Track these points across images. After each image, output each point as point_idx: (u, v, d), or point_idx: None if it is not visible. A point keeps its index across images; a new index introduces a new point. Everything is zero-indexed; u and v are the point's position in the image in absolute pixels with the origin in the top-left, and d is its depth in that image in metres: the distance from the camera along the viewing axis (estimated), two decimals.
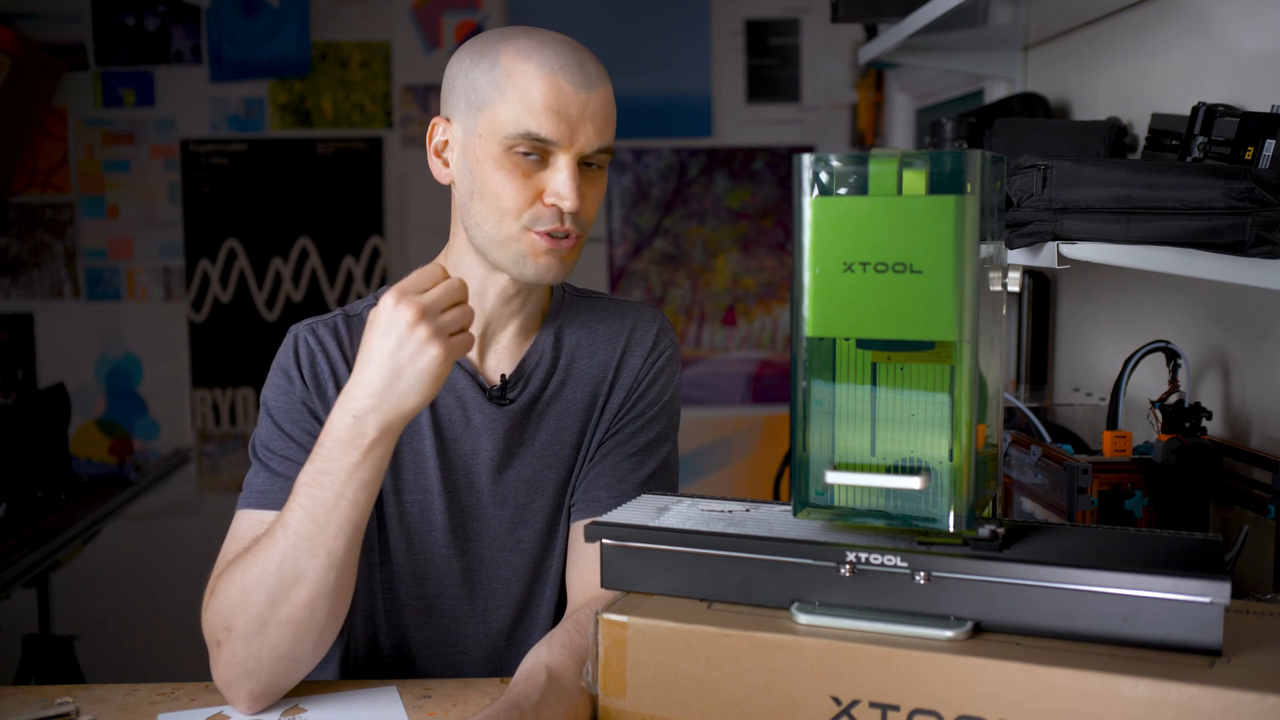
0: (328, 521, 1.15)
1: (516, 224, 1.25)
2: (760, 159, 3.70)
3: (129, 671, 2.71)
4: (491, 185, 1.25)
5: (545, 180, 1.24)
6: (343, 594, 1.19)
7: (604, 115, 1.26)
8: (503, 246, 1.27)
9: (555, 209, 1.24)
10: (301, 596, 1.16)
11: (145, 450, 3.64)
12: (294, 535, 1.15)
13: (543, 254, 1.26)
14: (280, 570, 1.15)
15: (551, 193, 1.24)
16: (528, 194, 1.24)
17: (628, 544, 1.09)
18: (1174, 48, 1.71)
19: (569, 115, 1.23)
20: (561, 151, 1.23)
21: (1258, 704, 0.84)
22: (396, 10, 3.63)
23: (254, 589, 1.16)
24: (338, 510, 1.15)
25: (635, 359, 1.41)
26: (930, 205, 0.96)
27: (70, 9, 3.55)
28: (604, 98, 1.26)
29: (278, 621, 1.16)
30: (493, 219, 1.26)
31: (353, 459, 1.14)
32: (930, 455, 1.00)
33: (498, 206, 1.25)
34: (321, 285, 3.67)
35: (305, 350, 1.33)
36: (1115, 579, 0.93)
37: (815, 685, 0.97)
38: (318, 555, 1.15)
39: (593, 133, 1.24)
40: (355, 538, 1.17)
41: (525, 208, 1.25)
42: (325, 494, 1.15)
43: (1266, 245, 1.12)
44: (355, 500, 1.15)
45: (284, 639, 1.17)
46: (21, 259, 3.61)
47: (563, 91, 1.22)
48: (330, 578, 1.16)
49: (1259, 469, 1.35)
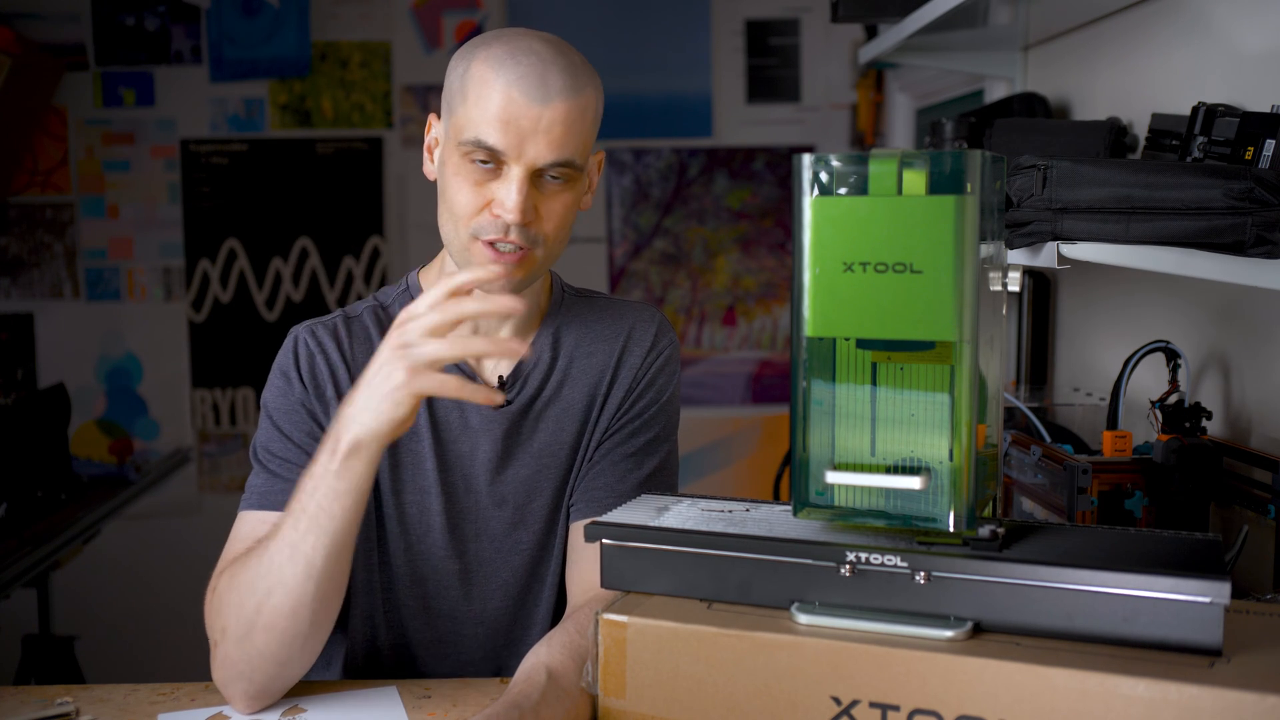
0: (307, 531, 1.14)
1: (466, 231, 1.25)
2: (760, 159, 3.70)
3: (129, 671, 2.71)
4: (451, 188, 1.25)
5: (494, 190, 1.23)
6: (326, 603, 1.17)
7: (562, 129, 1.22)
8: (458, 252, 1.28)
9: (500, 220, 1.23)
10: (282, 603, 1.15)
11: (145, 450, 3.64)
12: (280, 541, 1.15)
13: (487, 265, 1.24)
14: (266, 575, 1.15)
15: (497, 203, 1.23)
16: (477, 201, 1.24)
17: (628, 544, 1.09)
18: (1174, 48, 1.71)
19: (519, 127, 1.21)
20: (511, 162, 1.22)
21: (1258, 704, 0.84)
22: (396, 10, 3.63)
23: (245, 591, 1.16)
24: (316, 521, 1.14)
25: (634, 358, 1.40)
26: (930, 205, 0.96)
27: (70, 9, 3.55)
28: (564, 111, 1.22)
29: (261, 626, 1.16)
30: (450, 222, 1.27)
31: (331, 469, 1.13)
32: (930, 455, 1.00)
33: (453, 211, 1.26)
34: (321, 285, 3.67)
35: (305, 352, 1.33)
36: (1115, 579, 0.93)
37: (815, 685, 0.97)
38: (297, 564, 1.14)
39: (544, 146, 1.22)
40: (336, 550, 1.15)
41: (474, 215, 1.24)
42: (307, 503, 1.14)
43: (1266, 245, 1.12)
44: (331, 512, 1.13)
45: (269, 643, 1.17)
46: (21, 259, 3.61)
47: (514, 103, 1.20)
48: (309, 587, 1.15)
49: (1259, 469, 1.35)
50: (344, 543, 1.16)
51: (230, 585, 1.18)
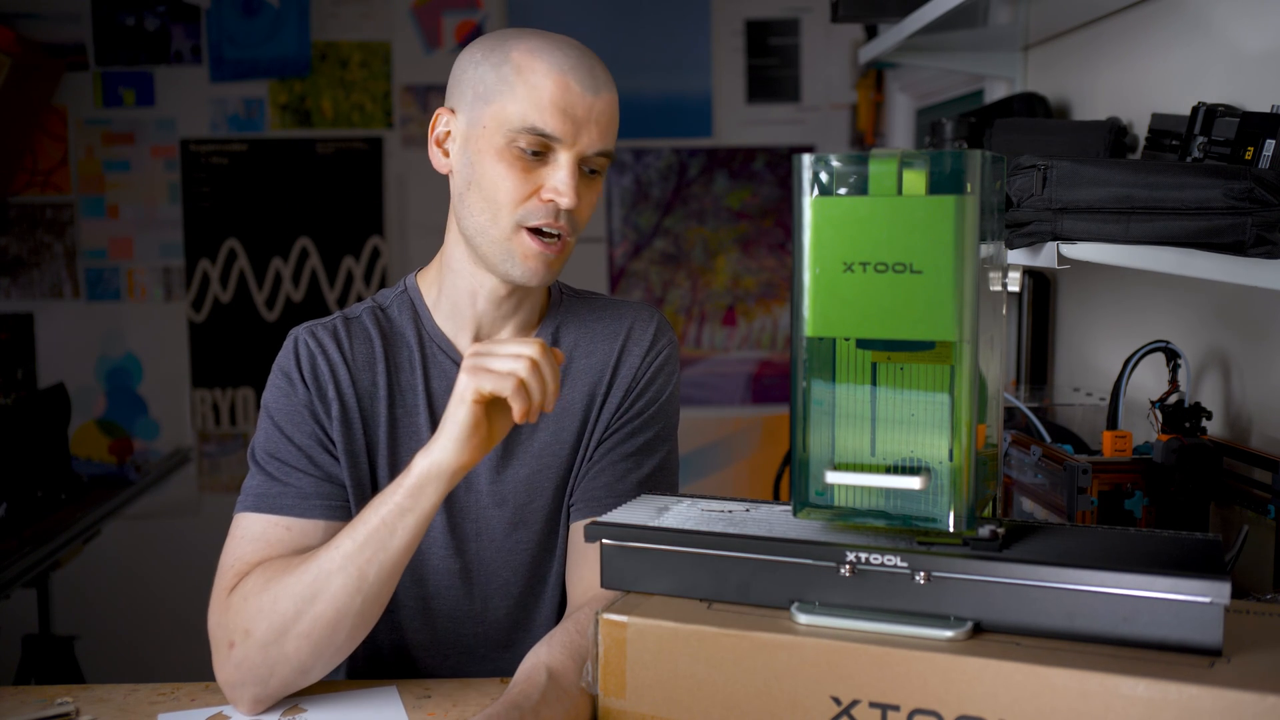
0: (366, 544, 1.17)
1: (510, 219, 1.26)
2: (760, 159, 3.70)
3: (129, 671, 2.71)
4: (490, 177, 1.26)
5: (544, 176, 1.25)
6: (366, 619, 1.20)
7: (608, 119, 1.27)
8: (494, 242, 1.28)
9: (552, 205, 1.25)
10: (325, 613, 1.17)
11: (145, 450, 3.64)
12: (334, 552, 1.18)
13: (532, 256, 1.27)
14: (312, 583, 1.17)
15: (550, 188, 1.25)
16: (525, 189, 1.25)
17: (628, 544, 1.09)
18: (1174, 48, 1.71)
19: (575, 115, 1.24)
20: (564, 149, 1.24)
21: (1258, 704, 0.84)
22: (396, 10, 3.63)
23: (283, 597, 1.17)
24: (377, 535, 1.17)
25: (633, 358, 1.41)
26: (930, 205, 0.96)
27: (70, 9, 3.55)
28: (609, 103, 1.27)
29: (298, 633, 1.17)
30: (487, 211, 1.27)
31: (398, 496, 1.17)
32: (930, 455, 1.00)
33: (494, 199, 1.26)
34: (321, 285, 3.67)
35: (306, 353, 1.33)
36: (1115, 579, 0.93)
37: (815, 685, 0.97)
38: (349, 575, 1.17)
39: (596, 135, 1.25)
40: (389, 569, 1.18)
41: (521, 202, 1.25)
42: (370, 517, 1.18)
43: (1266, 245, 1.12)
44: (394, 529, 1.17)
45: (300, 650, 1.18)
46: (21, 259, 3.61)
47: (571, 91, 1.23)
48: (356, 601, 1.17)
49: (1259, 469, 1.35)
50: (398, 564, 1.19)
51: (262, 589, 1.19)
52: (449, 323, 1.36)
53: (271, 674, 1.19)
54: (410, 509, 1.17)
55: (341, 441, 1.31)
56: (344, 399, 1.32)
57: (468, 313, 1.35)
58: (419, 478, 1.16)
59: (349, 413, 1.32)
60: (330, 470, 1.30)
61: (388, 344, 1.36)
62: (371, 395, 1.34)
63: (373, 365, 1.34)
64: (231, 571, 1.23)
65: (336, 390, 1.32)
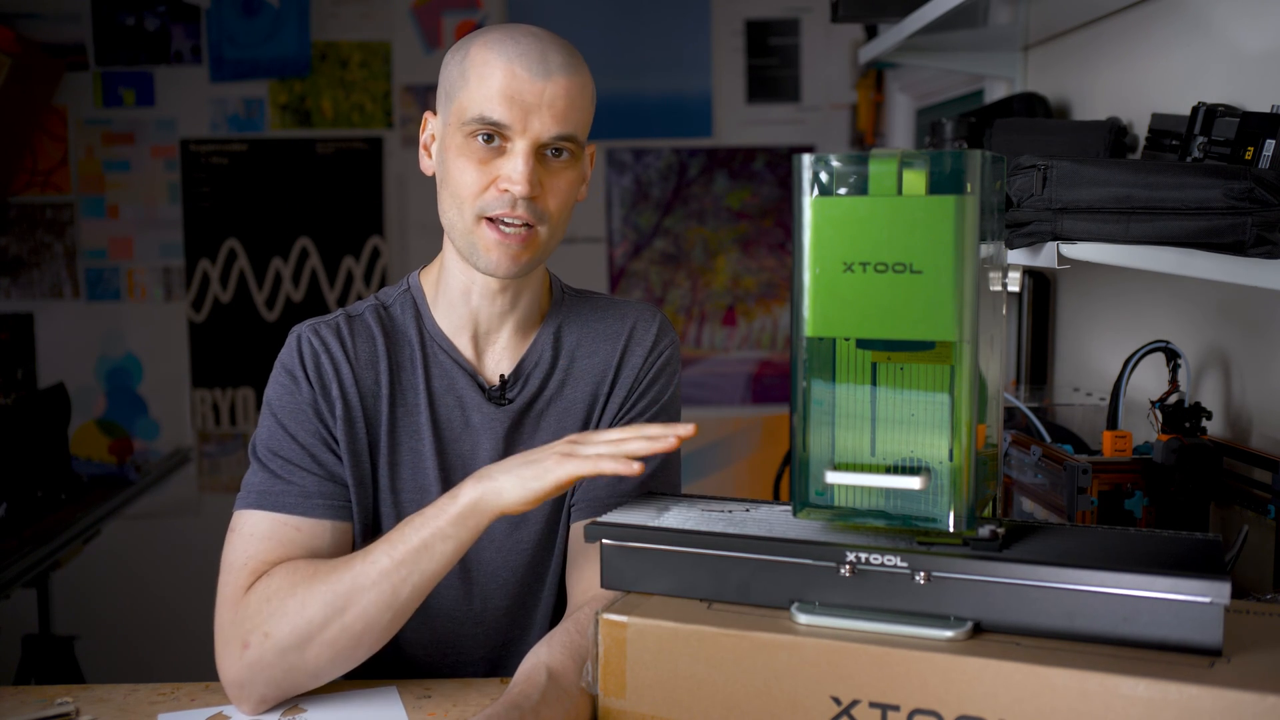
0: (402, 562, 1.17)
1: (471, 211, 1.27)
2: (760, 159, 3.70)
3: (129, 671, 2.71)
4: (453, 173, 1.27)
5: (500, 166, 1.26)
6: (388, 633, 1.21)
7: (564, 103, 1.25)
8: (462, 236, 1.29)
9: (508, 194, 1.25)
10: (353, 625, 1.18)
11: (145, 450, 3.63)
12: (370, 566, 1.18)
13: (493, 247, 1.27)
14: (344, 595, 1.17)
15: (504, 177, 1.25)
16: (483, 180, 1.26)
17: (628, 544, 1.09)
18: (1174, 48, 1.71)
19: (523, 101, 1.24)
20: (517, 137, 1.25)
21: (1258, 704, 0.84)
22: (396, 10, 3.63)
23: (311, 604, 1.17)
24: (417, 556, 1.17)
25: (635, 358, 1.41)
26: (930, 205, 0.96)
27: (70, 9, 3.55)
28: (565, 86, 1.26)
29: (322, 641, 1.18)
30: (454, 206, 1.28)
31: (441, 521, 1.18)
32: (930, 455, 1.00)
33: (458, 193, 1.27)
34: (321, 285, 3.67)
35: (309, 351, 1.33)
36: (1115, 579, 0.93)
37: (815, 685, 0.97)
38: (383, 591, 1.17)
39: (549, 119, 1.25)
40: (421, 589, 1.19)
41: (479, 194, 1.26)
42: (411, 536, 1.18)
43: (1266, 245, 1.12)
44: (434, 553, 1.18)
45: (320, 658, 1.18)
46: (21, 259, 3.61)
47: (517, 78, 1.24)
48: (386, 617, 1.18)
49: (1259, 469, 1.35)
50: (430, 585, 1.20)
51: (289, 593, 1.18)
52: (447, 321, 1.36)
53: (285, 677, 1.19)
54: (453, 536, 1.18)
55: (344, 440, 1.31)
56: (347, 397, 1.32)
57: (464, 310, 1.35)
58: (469, 506, 1.17)
59: (352, 411, 1.32)
60: (333, 469, 1.30)
61: (390, 342, 1.36)
62: (374, 394, 1.34)
63: (375, 364, 1.34)
64: (245, 570, 1.23)
65: (340, 389, 1.32)
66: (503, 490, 1.16)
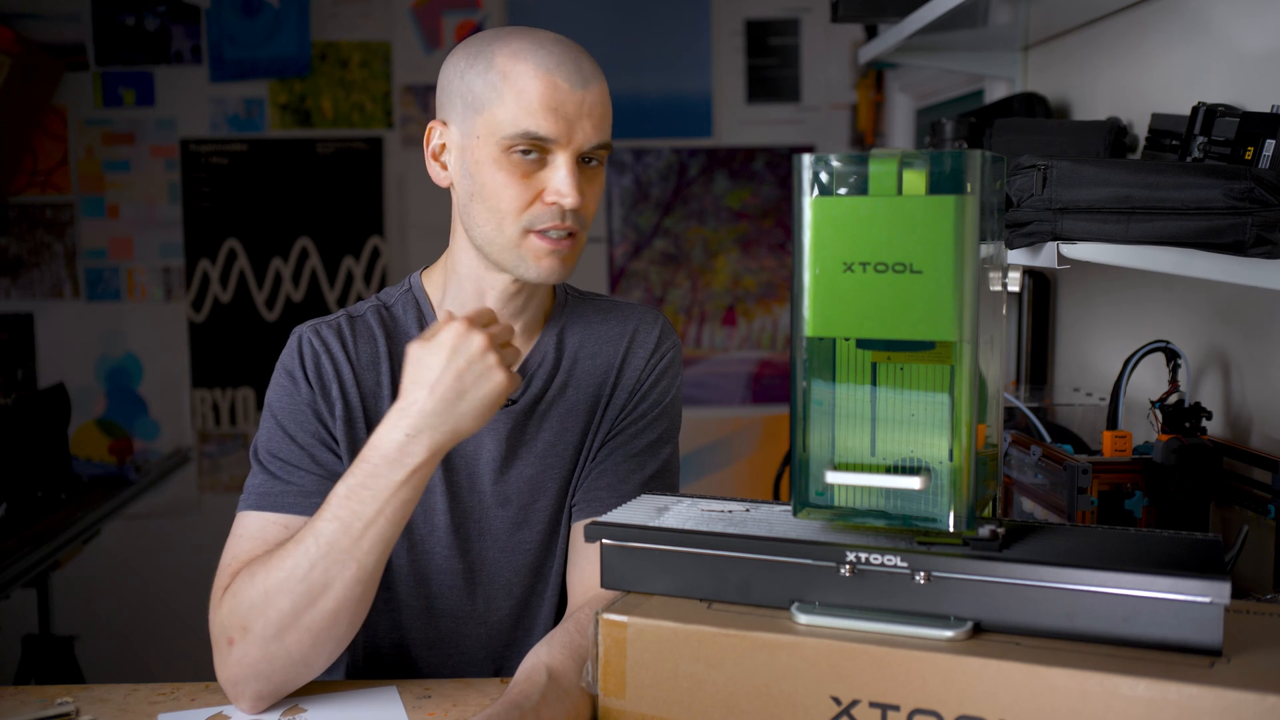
0: (362, 536, 1.16)
1: (517, 226, 1.25)
2: (760, 159, 3.70)
3: (129, 671, 2.71)
4: (491, 187, 1.25)
5: (545, 179, 1.24)
6: (365, 606, 1.20)
7: (601, 111, 1.26)
8: (504, 249, 1.27)
9: (556, 207, 1.24)
10: (327, 606, 1.17)
11: (145, 450, 3.64)
12: (326, 546, 1.16)
13: (545, 256, 1.26)
14: (309, 578, 1.16)
15: (552, 191, 1.24)
16: (527, 195, 1.24)
17: (628, 544, 1.09)
18: (1174, 48, 1.71)
19: (566, 113, 1.23)
20: (560, 149, 1.24)
21: (1258, 704, 0.84)
22: (396, 10, 3.63)
23: (278, 593, 1.17)
24: (374, 526, 1.16)
25: (638, 360, 1.41)
26: (930, 205, 0.96)
27: (70, 9, 3.55)
28: (600, 94, 1.26)
29: (299, 628, 1.17)
30: (493, 221, 1.26)
31: (397, 477, 1.15)
32: (930, 455, 1.00)
33: (498, 208, 1.25)
34: (321, 285, 3.67)
35: (310, 351, 1.33)
36: (1115, 579, 0.93)
37: (815, 685, 0.97)
38: (348, 568, 1.16)
39: (590, 129, 1.24)
40: (386, 554, 1.18)
41: (525, 208, 1.25)
42: (364, 509, 1.16)
43: (1266, 245, 1.12)
44: (392, 518, 1.16)
45: (302, 645, 1.18)
46: (21, 259, 3.61)
47: (559, 89, 1.22)
48: (357, 591, 1.17)
49: (1259, 469, 1.35)
50: (390, 546, 1.19)
51: (256, 585, 1.18)
52: None
53: (272, 669, 1.18)
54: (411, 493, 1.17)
55: (344, 440, 1.31)
56: (348, 398, 1.32)
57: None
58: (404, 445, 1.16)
59: (352, 412, 1.32)
60: (333, 469, 1.30)
61: (392, 343, 1.36)
62: (375, 394, 1.34)
63: (376, 364, 1.34)
64: (228, 570, 1.23)
65: (340, 389, 1.32)
66: (460, 422, 1.16)
